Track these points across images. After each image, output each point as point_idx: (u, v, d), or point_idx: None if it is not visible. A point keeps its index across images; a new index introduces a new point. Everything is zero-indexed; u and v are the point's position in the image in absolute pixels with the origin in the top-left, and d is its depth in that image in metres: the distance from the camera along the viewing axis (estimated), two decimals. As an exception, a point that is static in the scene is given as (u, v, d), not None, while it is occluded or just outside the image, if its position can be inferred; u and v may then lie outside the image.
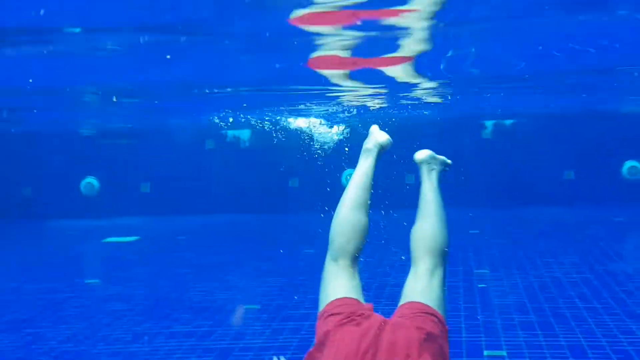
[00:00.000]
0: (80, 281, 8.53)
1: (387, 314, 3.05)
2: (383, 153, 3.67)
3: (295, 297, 6.94)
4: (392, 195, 12.02)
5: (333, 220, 3.35)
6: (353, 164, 3.65)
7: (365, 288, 3.23)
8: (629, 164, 11.92)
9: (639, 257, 8.74)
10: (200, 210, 12.75)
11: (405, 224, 3.57)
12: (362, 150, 3.64)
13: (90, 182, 13.03)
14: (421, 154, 3.71)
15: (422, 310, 2.99)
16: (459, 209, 11.52)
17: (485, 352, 5.23)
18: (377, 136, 3.69)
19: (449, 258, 3.35)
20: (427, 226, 3.38)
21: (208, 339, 5.84)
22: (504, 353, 5.18)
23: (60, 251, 10.71)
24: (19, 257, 10.39)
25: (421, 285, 3.16)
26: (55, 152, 13.54)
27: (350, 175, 12.27)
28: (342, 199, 3.40)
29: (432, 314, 2.97)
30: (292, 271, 8.25)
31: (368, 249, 3.43)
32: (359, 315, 2.91)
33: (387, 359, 2.63)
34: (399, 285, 3.28)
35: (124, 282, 8.19)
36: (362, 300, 3.11)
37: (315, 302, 3.15)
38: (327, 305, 3.03)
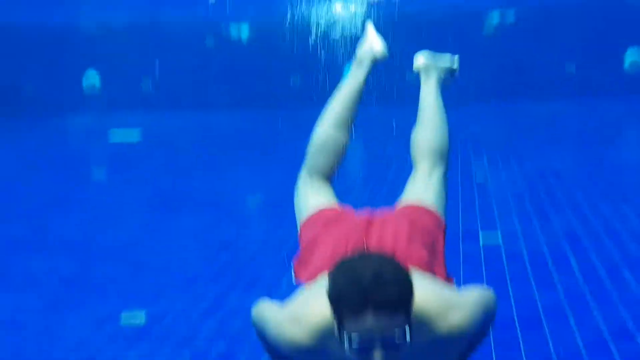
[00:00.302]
0: (85, 178, 8.70)
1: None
2: (375, 65, 3.52)
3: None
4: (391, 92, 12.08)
5: (312, 135, 3.30)
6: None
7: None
8: (629, 57, 11.90)
9: (633, 146, 8.85)
10: (203, 106, 12.78)
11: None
12: (355, 59, 3.50)
13: (91, 78, 13.06)
14: (419, 60, 3.50)
15: (417, 207, 2.98)
16: (459, 103, 11.60)
17: (481, 239, 5.40)
18: (373, 43, 3.53)
19: (451, 157, 3.26)
20: (426, 131, 3.30)
21: (213, 229, 6.03)
22: (500, 239, 5.35)
23: (65, 148, 10.87)
24: (23, 154, 10.56)
25: (419, 186, 3.13)
26: (55, 48, 13.50)
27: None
28: (324, 113, 3.32)
29: (427, 211, 2.96)
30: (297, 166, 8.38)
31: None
32: (345, 217, 2.91)
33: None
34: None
35: (128, 175, 8.37)
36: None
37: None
38: (310, 215, 3.03)
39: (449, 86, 3.52)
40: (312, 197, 3.13)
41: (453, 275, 2.79)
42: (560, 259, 4.84)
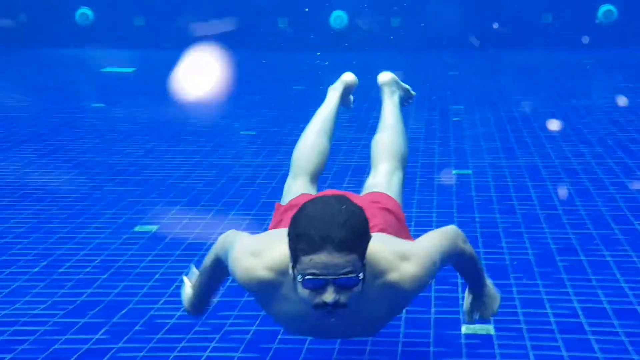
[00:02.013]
0: (86, 104, 9.20)
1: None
2: (349, 91, 3.92)
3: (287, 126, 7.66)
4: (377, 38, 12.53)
5: (296, 146, 3.53)
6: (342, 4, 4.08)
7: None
8: (604, 7, 12.42)
9: (600, 94, 9.46)
10: (191, 44, 13.10)
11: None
12: (329, 89, 3.88)
13: (84, 12, 13.32)
14: (384, 76, 3.88)
15: (382, 193, 3.13)
16: (437, 51, 12.15)
17: (454, 171, 6.03)
18: (345, 77, 3.92)
19: (408, 166, 3.53)
20: (386, 135, 3.51)
21: (212, 156, 6.60)
22: (470, 172, 5.99)
23: (62, 78, 11.27)
24: (21, 82, 10.95)
25: (379, 181, 3.26)
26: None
27: (340, 17, 12.67)
28: (305, 130, 3.60)
29: (391, 197, 3.10)
30: (284, 104, 8.92)
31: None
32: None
33: None
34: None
35: (129, 107, 8.87)
36: None
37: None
38: (292, 198, 3.16)
39: (405, 106, 3.95)
40: (297, 189, 3.30)
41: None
42: (521, 189, 5.50)
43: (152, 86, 10.39)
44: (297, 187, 3.32)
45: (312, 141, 3.51)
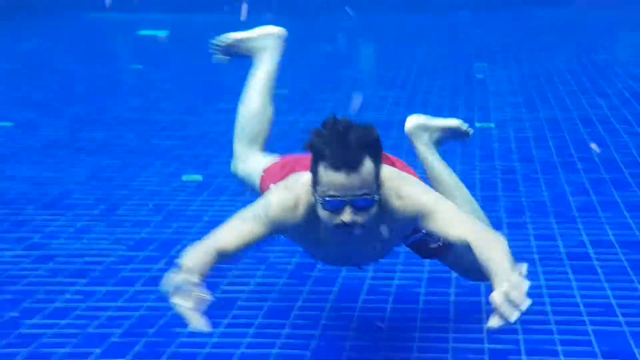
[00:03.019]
0: (127, 66, 9.67)
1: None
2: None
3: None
4: None
5: (239, 111, 3.45)
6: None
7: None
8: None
9: (624, 50, 9.74)
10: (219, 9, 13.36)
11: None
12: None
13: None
14: (410, 121, 3.25)
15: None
16: (461, 11, 12.39)
17: (477, 124, 6.39)
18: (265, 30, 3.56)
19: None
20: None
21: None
22: (492, 124, 6.35)
23: (98, 42, 11.73)
24: (61, 45, 11.40)
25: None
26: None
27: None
28: (244, 92, 3.46)
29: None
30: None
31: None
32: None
33: None
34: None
35: (167, 68, 9.31)
36: None
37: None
38: (271, 163, 3.12)
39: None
40: (262, 158, 3.24)
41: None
42: (541, 139, 5.87)
43: (187, 48, 10.79)
44: (262, 156, 3.29)
45: (259, 105, 3.39)
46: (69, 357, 2.96)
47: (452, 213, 2.53)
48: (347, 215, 2.40)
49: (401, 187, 2.55)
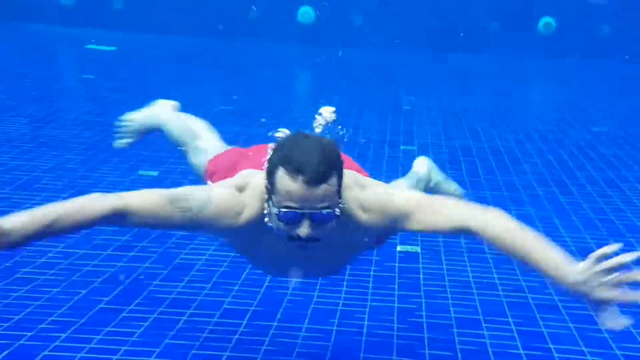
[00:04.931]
0: (78, 75, 10.18)
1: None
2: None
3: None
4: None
5: (173, 129, 3.58)
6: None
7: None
8: (544, 20, 13.78)
9: (535, 95, 10.83)
10: (172, 31, 13.90)
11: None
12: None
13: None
14: (419, 166, 3.78)
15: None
16: (398, 49, 13.29)
17: (402, 147, 7.23)
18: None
19: None
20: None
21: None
22: (414, 147, 7.19)
23: (47, 51, 12.18)
24: (5, 52, 11.77)
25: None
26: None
27: (308, 12, 13.66)
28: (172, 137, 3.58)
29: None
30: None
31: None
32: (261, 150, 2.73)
33: None
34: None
35: (116, 79, 9.90)
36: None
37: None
38: (220, 152, 3.15)
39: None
40: (214, 140, 3.25)
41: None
42: (455, 162, 6.75)
43: (135, 62, 11.36)
44: (213, 138, 3.32)
45: (188, 115, 3.54)
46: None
47: (430, 205, 2.38)
48: (304, 229, 2.21)
49: (363, 197, 2.39)
